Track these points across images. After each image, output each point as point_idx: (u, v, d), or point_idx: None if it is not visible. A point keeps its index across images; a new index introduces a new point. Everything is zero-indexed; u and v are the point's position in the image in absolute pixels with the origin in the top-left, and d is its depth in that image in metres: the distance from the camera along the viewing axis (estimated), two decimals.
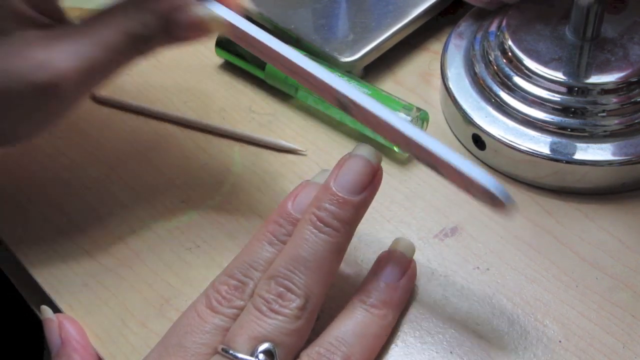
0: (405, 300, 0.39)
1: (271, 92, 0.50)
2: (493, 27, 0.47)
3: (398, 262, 0.39)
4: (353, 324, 0.36)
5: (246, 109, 0.49)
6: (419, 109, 0.45)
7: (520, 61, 0.44)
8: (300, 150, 0.47)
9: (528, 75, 0.44)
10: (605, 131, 0.43)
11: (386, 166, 0.46)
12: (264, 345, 0.34)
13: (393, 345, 0.38)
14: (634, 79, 0.42)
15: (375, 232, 0.42)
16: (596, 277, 0.40)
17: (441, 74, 0.47)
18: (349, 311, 0.37)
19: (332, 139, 0.47)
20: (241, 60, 0.50)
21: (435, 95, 0.49)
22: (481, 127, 0.44)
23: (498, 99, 0.44)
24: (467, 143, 0.46)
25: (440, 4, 0.51)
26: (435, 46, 0.52)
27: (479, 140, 0.45)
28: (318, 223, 0.35)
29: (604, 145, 0.42)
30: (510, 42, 0.45)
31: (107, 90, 0.51)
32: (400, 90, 0.49)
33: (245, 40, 0.38)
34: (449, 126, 0.47)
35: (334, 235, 0.35)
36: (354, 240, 0.42)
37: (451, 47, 0.48)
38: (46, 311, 0.40)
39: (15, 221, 0.44)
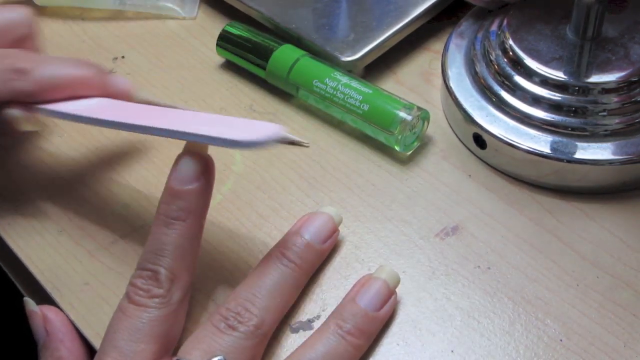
0: (378, 332, 0.38)
1: (272, 91, 0.50)
2: (494, 27, 0.47)
3: (380, 290, 0.38)
4: (325, 349, 0.36)
5: (247, 108, 0.49)
6: (419, 108, 0.45)
7: (521, 60, 0.44)
8: (303, 143, 0.47)
9: (529, 74, 0.44)
10: (606, 130, 0.43)
11: (387, 165, 0.46)
12: (217, 357, 0.34)
13: (394, 345, 0.38)
14: (635, 78, 0.42)
15: (377, 231, 0.42)
16: (597, 276, 0.40)
17: (442, 73, 0.47)
18: (322, 334, 0.36)
19: (333, 138, 0.47)
20: (242, 59, 0.50)
21: (436, 95, 0.49)
22: (482, 126, 0.44)
23: (499, 98, 0.44)
24: (467, 142, 0.46)
25: (440, 3, 0.51)
26: (436, 46, 0.52)
27: (479, 140, 0.45)
28: (284, 260, 0.38)
29: (604, 145, 0.42)
30: (511, 42, 0.45)
31: None
32: (401, 90, 0.49)
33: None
34: (450, 125, 0.47)
35: (296, 271, 0.38)
36: (355, 239, 0.42)
37: (452, 47, 0.48)
38: (29, 303, 0.40)
39: (16, 220, 0.45)
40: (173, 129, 0.38)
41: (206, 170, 0.37)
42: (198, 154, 0.37)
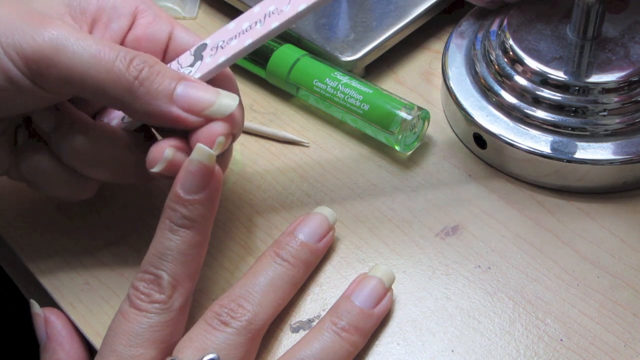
0: (374, 329, 0.38)
1: (272, 91, 0.50)
2: (494, 27, 0.47)
3: (375, 288, 0.38)
4: (320, 346, 0.36)
5: (247, 107, 0.49)
6: (420, 108, 0.45)
7: (521, 60, 0.44)
8: (303, 142, 0.46)
9: (529, 74, 0.44)
10: (606, 130, 0.43)
11: (387, 165, 0.46)
12: (209, 356, 0.35)
13: (395, 344, 0.38)
14: (635, 78, 0.42)
15: (377, 231, 0.42)
16: (597, 275, 0.40)
17: (442, 73, 0.47)
18: (317, 331, 0.37)
19: (334, 137, 0.47)
20: (242, 59, 0.50)
21: (436, 95, 0.49)
22: (482, 126, 0.44)
23: (499, 98, 0.44)
24: (468, 142, 0.46)
25: (441, 3, 0.51)
26: (437, 45, 0.52)
27: (480, 139, 0.45)
28: (278, 259, 0.39)
29: (605, 145, 0.42)
30: (511, 42, 0.45)
31: None
32: (402, 90, 0.49)
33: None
34: (450, 125, 0.47)
35: (290, 269, 0.39)
36: (355, 238, 0.42)
37: (452, 47, 0.48)
38: (34, 306, 0.41)
39: (17, 220, 0.45)
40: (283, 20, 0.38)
41: (212, 180, 0.36)
42: (205, 163, 0.36)
